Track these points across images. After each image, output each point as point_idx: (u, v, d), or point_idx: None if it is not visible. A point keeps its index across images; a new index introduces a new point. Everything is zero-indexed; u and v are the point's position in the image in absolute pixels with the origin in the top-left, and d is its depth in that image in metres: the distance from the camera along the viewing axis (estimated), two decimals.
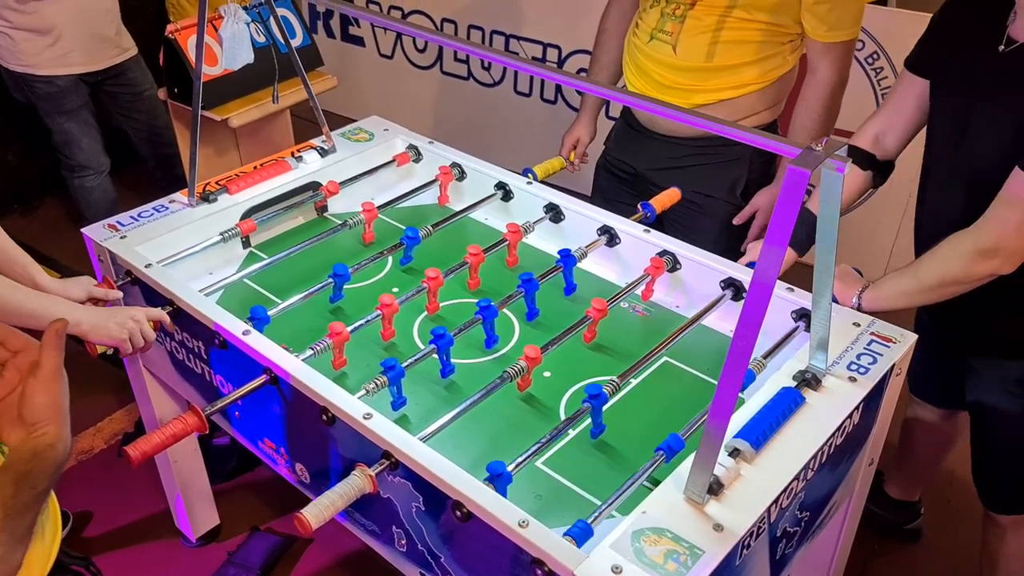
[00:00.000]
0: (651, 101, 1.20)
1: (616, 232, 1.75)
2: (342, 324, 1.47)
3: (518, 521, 1.10)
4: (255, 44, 2.15)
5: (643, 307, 1.70)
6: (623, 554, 1.06)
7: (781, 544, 1.28)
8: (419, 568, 1.34)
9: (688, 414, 1.40)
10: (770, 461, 1.19)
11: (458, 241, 1.88)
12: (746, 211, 1.98)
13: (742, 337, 1.02)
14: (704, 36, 1.81)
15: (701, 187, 1.97)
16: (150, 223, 1.74)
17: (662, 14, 1.87)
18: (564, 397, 1.48)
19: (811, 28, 1.80)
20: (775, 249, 0.97)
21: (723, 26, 1.80)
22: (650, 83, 1.92)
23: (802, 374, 1.33)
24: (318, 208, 1.98)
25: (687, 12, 1.83)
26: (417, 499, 1.25)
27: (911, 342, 1.42)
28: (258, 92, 2.41)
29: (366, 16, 1.40)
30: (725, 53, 1.82)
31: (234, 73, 2.33)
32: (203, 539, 2.18)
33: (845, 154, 0.99)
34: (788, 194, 0.95)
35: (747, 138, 1.06)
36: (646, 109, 1.20)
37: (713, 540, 1.08)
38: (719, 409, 1.06)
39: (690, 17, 1.82)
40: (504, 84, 3.74)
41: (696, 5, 1.82)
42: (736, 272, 1.60)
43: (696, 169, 1.97)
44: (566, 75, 1.24)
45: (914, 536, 2.24)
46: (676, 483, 1.16)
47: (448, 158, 2.02)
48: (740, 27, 1.79)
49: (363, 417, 1.26)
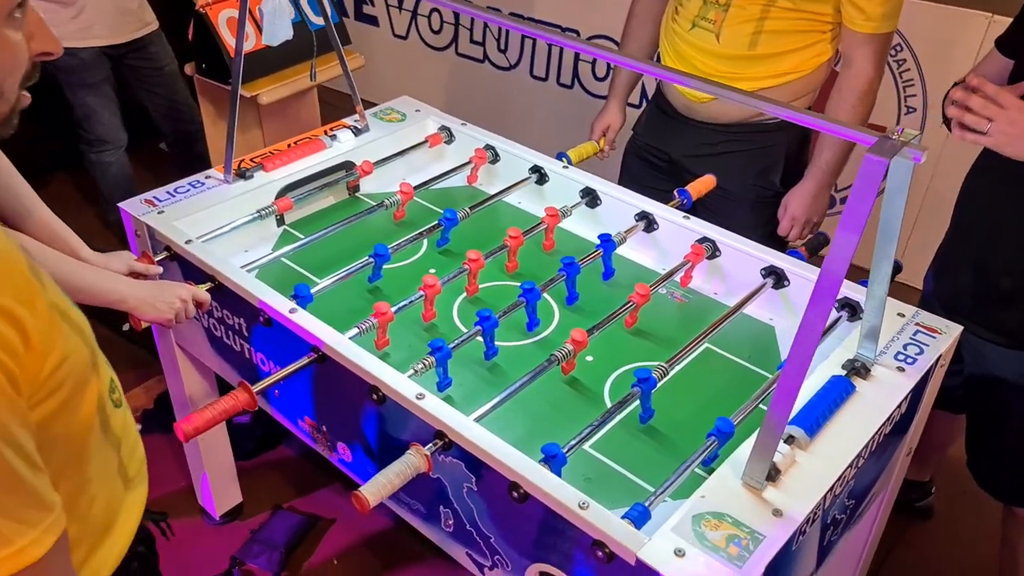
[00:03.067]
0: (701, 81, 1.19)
1: (654, 218, 1.75)
2: (387, 304, 1.46)
3: (578, 503, 1.11)
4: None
5: (681, 293, 1.71)
6: (685, 537, 1.07)
7: (829, 531, 1.29)
8: (466, 548, 1.34)
9: (731, 400, 1.41)
10: (824, 448, 1.20)
11: (492, 224, 1.88)
12: (780, 212, 1.99)
13: (810, 323, 1.02)
14: (748, 25, 1.81)
15: (737, 175, 1.97)
16: (187, 199, 1.73)
17: (705, 2, 1.86)
18: (608, 381, 1.49)
19: (850, 18, 1.79)
20: (849, 236, 0.97)
21: (767, 15, 1.79)
22: (690, 70, 1.92)
23: (851, 363, 1.33)
24: (350, 188, 1.97)
25: (731, 1, 1.82)
26: (469, 479, 1.25)
27: (956, 333, 1.43)
28: (287, 69, 2.39)
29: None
30: (768, 42, 1.81)
31: (264, 49, 2.31)
32: (226, 517, 2.18)
33: (921, 144, 0.99)
34: (865, 182, 0.95)
35: (818, 124, 1.06)
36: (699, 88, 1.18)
37: (773, 525, 1.09)
38: (782, 396, 1.07)
39: (734, 6, 1.82)
40: (520, 68, 3.72)
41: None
42: (777, 260, 1.61)
43: (731, 156, 1.97)
44: (629, 59, 1.23)
45: (926, 513, 2.27)
46: (733, 468, 1.16)
47: (481, 140, 2.01)
48: (783, 16, 1.79)
49: (416, 397, 1.26)
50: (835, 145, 1.88)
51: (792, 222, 1.97)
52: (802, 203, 1.94)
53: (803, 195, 1.94)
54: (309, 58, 2.25)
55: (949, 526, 2.27)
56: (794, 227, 1.97)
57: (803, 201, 1.94)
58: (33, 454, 0.77)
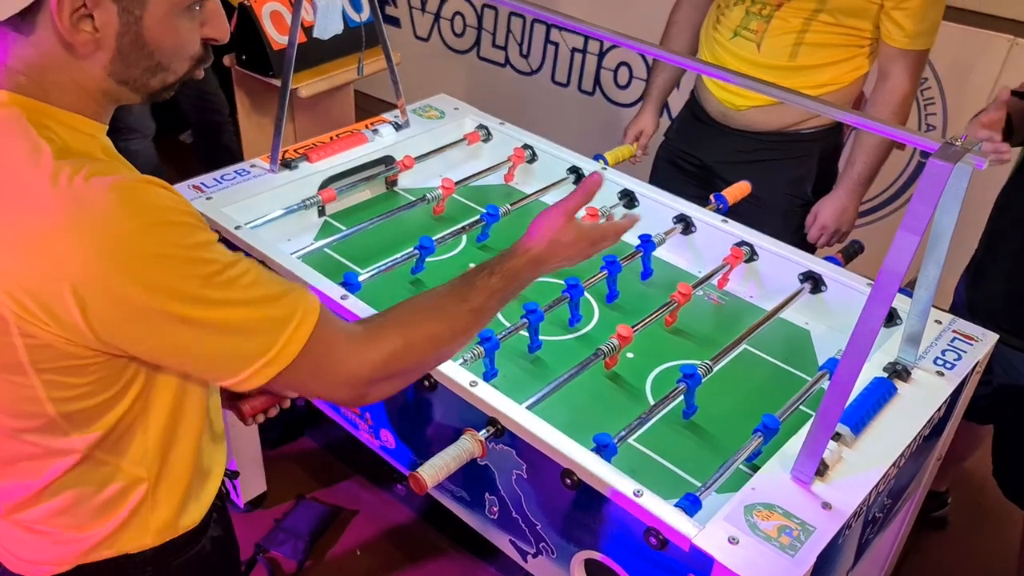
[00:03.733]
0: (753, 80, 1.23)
1: (692, 220, 1.78)
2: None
3: (633, 491, 1.13)
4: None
5: (718, 295, 1.74)
6: (738, 526, 1.09)
7: (868, 529, 1.32)
8: (510, 535, 1.36)
9: (768, 399, 1.45)
10: (869, 446, 1.23)
11: (528, 223, 1.90)
12: (809, 220, 2.02)
13: (867, 323, 1.05)
14: (788, 37, 1.85)
15: (769, 183, 2.00)
16: (233, 186, 1.76)
17: (747, 12, 1.90)
18: (649, 377, 1.52)
19: (888, 34, 1.83)
20: (910, 237, 1.01)
21: (808, 28, 1.83)
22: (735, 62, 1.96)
23: (892, 365, 1.37)
24: (388, 182, 2.00)
25: (773, 13, 1.86)
26: (520, 467, 1.27)
27: (992, 341, 1.46)
28: (326, 64, 2.42)
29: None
30: (808, 54, 1.85)
31: (305, 43, 2.34)
32: (250, 504, 2.19)
33: (982, 152, 1.02)
34: (928, 186, 0.98)
35: (881, 129, 1.09)
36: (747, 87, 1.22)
37: (823, 517, 1.11)
38: (836, 393, 1.09)
39: (776, 18, 1.86)
40: (542, 73, 3.75)
41: (783, 7, 1.86)
42: (815, 265, 1.64)
43: (765, 164, 2.00)
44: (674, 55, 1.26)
45: (941, 524, 2.30)
46: (781, 463, 1.19)
47: (519, 139, 2.05)
48: (825, 30, 1.82)
49: (469, 384, 1.29)
50: (868, 157, 1.92)
51: (821, 231, 2.00)
52: (833, 212, 1.98)
53: (834, 204, 1.97)
54: (348, 54, 2.28)
55: (963, 538, 2.30)
56: (823, 235, 2.01)
57: (834, 210, 1.97)
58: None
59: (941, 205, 1.16)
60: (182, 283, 0.81)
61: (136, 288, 0.79)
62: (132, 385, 0.92)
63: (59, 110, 0.86)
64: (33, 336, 0.82)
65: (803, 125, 1.97)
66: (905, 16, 1.79)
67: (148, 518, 1.01)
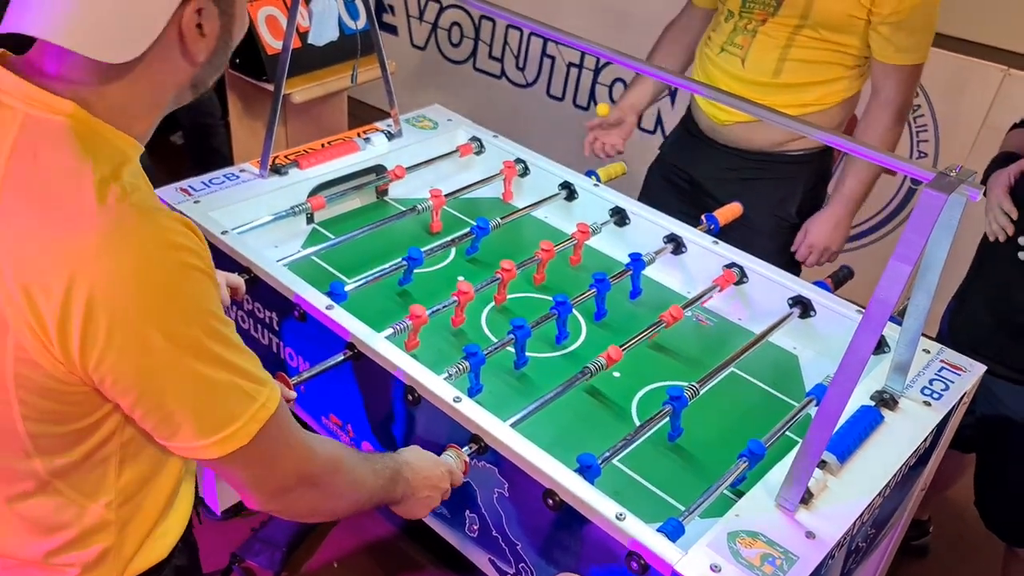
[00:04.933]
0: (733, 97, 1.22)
1: (683, 241, 1.77)
2: (423, 307, 1.47)
3: (615, 514, 1.12)
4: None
5: (706, 316, 1.73)
6: (720, 553, 1.08)
7: (851, 558, 1.31)
8: (489, 554, 1.35)
9: (754, 423, 1.43)
10: (855, 475, 1.22)
11: (518, 237, 1.90)
12: (799, 237, 2.01)
13: (856, 352, 1.04)
14: (773, 52, 1.85)
15: (756, 202, 1.99)
16: (222, 190, 1.74)
17: (735, 27, 1.90)
18: (635, 398, 1.50)
19: (878, 49, 1.82)
20: (902, 266, 1.00)
21: (792, 43, 1.84)
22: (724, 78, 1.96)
23: (880, 394, 1.36)
24: (379, 191, 1.98)
25: (758, 27, 1.87)
26: (502, 485, 1.26)
27: (979, 372, 1.46)
28: (320, 71, 2.41)
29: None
30: (792, 71, 1.85)
31: (300, 49, 2.33)
32: (227, 513, 2.16)
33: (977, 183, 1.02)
34: (921, 216, 0.98)
35: (874, 156, 1.08)
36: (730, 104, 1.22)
37: (807, 547, 1.10)
38: (823, 421, 1.08)
39: (761, 32, 1.86)
40: (537, 86, 3.76)
41: (768, 21, 1.86)
42: (804, 290, 1.63)
43: (752, 183, 2.00)
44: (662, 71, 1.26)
45: (922, 552, 2.29)
46: (766, 490, 1.18)
47: (512, 153, 2.04)
48: (809, 46, 1.83)
49: (453, 400, 1.27)
50: (860, 174, 1.90)
51: (810, 249, 1.99)
52: (823, 230, 1.96)
53: (824, 222, 1.96)
54: (343, 61, 2.27)
55: (944, 566, 2.30)
56: (812, 254, 2.00)
57: (824, 228, 1.96)
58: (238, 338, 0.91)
59: (933, 235, 1.15)
60: (189, 328, 0.83)
61: (145, 316, 0.80)
62: (107, 421, 0.90)
63: (113, 128, 0.87)
64: (24, 350, 0.82)
65: (789, 146, 1.97)
66: (892, 30, 1.78)
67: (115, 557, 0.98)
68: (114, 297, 0.79)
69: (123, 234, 0.80)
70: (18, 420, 0.86)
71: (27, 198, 0.82)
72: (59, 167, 0.82)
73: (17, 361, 0.83)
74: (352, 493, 1.07)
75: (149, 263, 0.80)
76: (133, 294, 0.79)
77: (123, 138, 0.88)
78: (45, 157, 0.83)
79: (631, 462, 1.36)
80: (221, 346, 0.86)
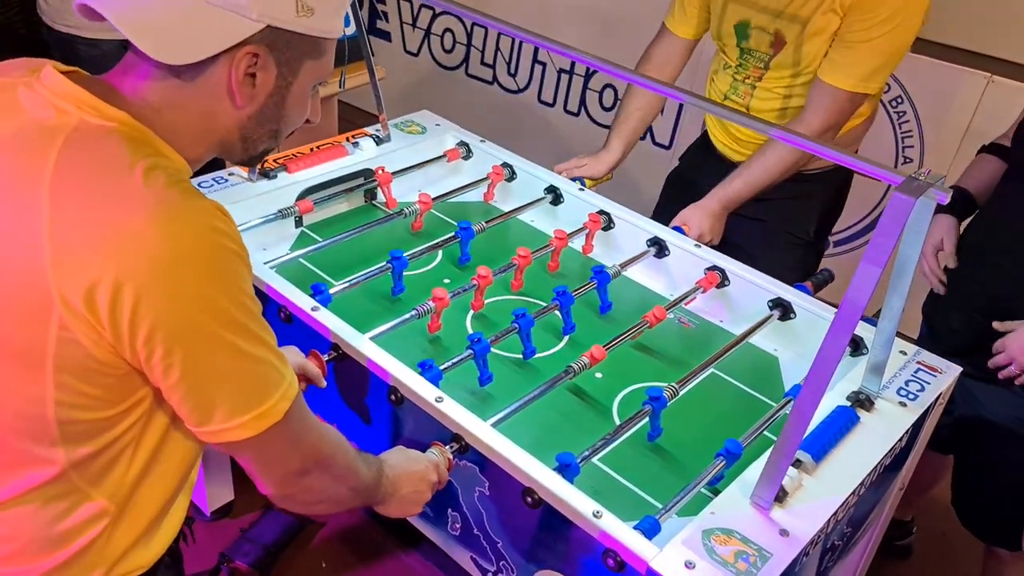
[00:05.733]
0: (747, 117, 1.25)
1: (666, 244, 1.79)
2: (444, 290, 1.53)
3: (592, 512, 1.14)
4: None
5: (688, 318, 1.75)
6: (695, 550, 1.10)
7: (827, 556, 1.33)
8: (471, 552, 1.36)
9: (733, 424, 1.45)
10: (829, 474, 1.24)
11: (503, 240, 1.92)
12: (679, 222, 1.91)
13: (828, 353, 1.06)
14: (775, 102, 1.90)
15: (772, 219, 2.00)
16: (210, 194, 1.75)
17: (734, 79, 1.94)
18: (617, 398, 1.52)
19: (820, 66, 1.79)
20: (872, 268, 1.02)
21: (792, 93, 1.88)
22: (726, 133, 2.02)
23: (856, 395, 1.38)
24: (367, 195, 2.00)
25: (756, 83, 1.91)
26: (482, 484, 1.27)
27: (955, 374, 1.48)
28: None
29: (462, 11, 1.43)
30: (795, 115, 1.87)
31: None
32: (216, 514, 2.18)
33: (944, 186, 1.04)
34: (891, 219, 1.00)
35: (850, 162, 1.11)
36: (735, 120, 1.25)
37: (780, 544, 1.12)
38: (797, 421, 1.10)
39: (760, 87, 1.91)
40: (528, 92, 3.78)
41: (763, 78, 1.90)
42: (784, 293, 1.66)
43: (769, 201, 1.96)
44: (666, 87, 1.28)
45: (905, 553, 2.31)
46: (741, 488, 1.20)
47: (499, 158, 2.06)
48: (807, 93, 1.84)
49: (435, 400, 1.29)
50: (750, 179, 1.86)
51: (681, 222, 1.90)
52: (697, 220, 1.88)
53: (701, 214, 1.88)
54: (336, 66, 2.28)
55: (927, 567, 2.32)
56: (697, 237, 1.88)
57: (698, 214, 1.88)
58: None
59: (904, 238, 1.18)
60: (231, 305, 0.87)
61: (192, 294, 0.84)
62: (135, 410, 0.93)
63: (166, 144, 0.92)
64: (68, 329, 0.84)
65: (806, 166, 1.93)
66: (832, 47, 1.76)
67: (100, 555, 0.99)
68: (165, 276, 0.83)
69: (170, 216, 0.83)
70: (50, 405, 0.88)
71: (76, 183, 0.85)
72: (109, 156, 0.86)
73: (59, 342, 0.85)
74: (352, 479, 1.11)
75: (195, 243, 0.84)
76: (183, 275, 0.83)
77: (172, 152, 0.93)
78: (96, 150, 0.87)
79: (611, 461, 1.38)
80: (257, 325, 0.91)
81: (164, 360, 0.86)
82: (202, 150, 0.98)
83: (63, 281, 0.83)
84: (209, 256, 0.85)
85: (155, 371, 0.87)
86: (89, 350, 0.86)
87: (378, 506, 1.20)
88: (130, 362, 0.87)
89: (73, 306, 0.83)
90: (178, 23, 0.88)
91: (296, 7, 0.91)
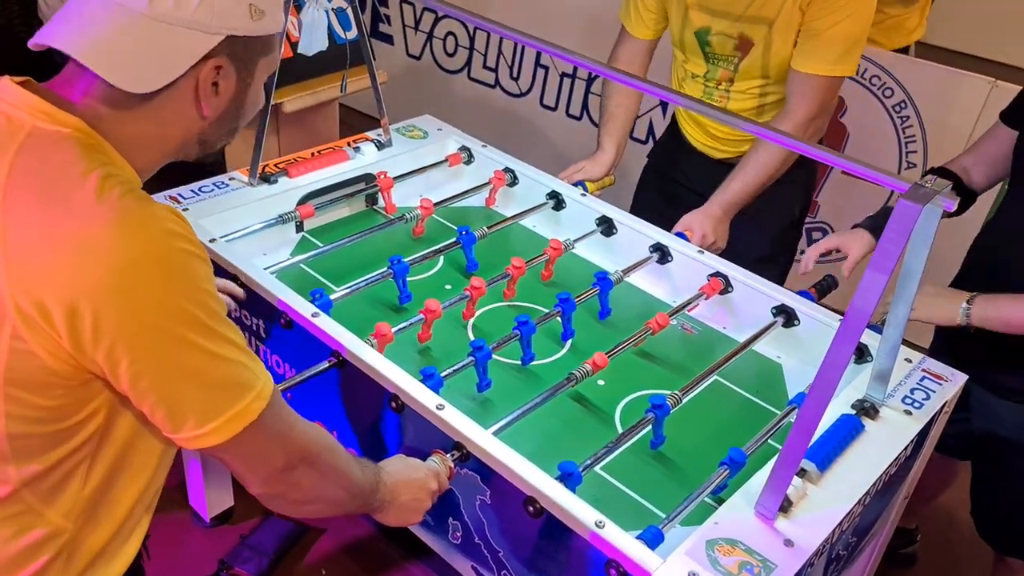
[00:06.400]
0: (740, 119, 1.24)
1: (669, 250, 1.78)
2: (388, 325, 1.47)
3: (595, 522, 1.12)
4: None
5: (691, 325, 1.74)
6: (699, 561, 1.08)
7: (832, 566, 1.31)
8: (472, 561, 1.35)
9: (737, 432, 1.44)
10: (835, 483, 1.23)
11: (504, 246, 1.91)
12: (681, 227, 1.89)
13: (833, 361, 1.05)
14: (751, 101, 1.92)
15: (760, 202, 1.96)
16: (211, 198, 1.75)
17: (705, 87, 1.95)
18: (619, 405, 1.51)
19: (793, 58, 1.80)
20: (878, 276, 1.01)
21: (767, 91, 1.90)
22: (704, 132, 2.03)
23: (860, 403, 1.37)
24: (368, 200, 1.99)
25: (729, 87, 1.93)
26: (484, 492, 1.26)
27: (961, 382, 1.47)
28: (311, 80, 2.43)
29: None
30: (773, 111, 1.91)
31: (291, 59, 2.34)
32: (216, 520, 2.17)
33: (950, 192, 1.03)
34: (897, 226, 0.99)
35: (856, 169, 1.09)
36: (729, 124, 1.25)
37: (785, 554, 1.11)
38: (801, 429, 1.09)
39: (734, 91, 1.92)
40: (531, 96, 3.78)
41: (735, 80, 1.92)
42: (788, 299, 1.64)
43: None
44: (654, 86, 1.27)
45: (910, 561, 2.29)
46: (745, 498, 1.19)
47: (501, 163, 2.05)
48: (782, 92, 1.86)
49: (436, 407, 1.28)
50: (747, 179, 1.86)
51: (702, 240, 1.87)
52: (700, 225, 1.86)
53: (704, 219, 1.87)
54: (334, 70, 2.29)
55: (932, 575, 2.30)
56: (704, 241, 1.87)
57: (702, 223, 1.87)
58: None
59: (910, 246, 1.17)
60: (195, 308, 0.87)
61: (154, 301, 0.84)
62: (89, 422, 0.91)
63: (118, 154, 0.92)
64: (23, 339, 0.83)
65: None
66: (802, 39, 1.77)
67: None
68: (123, 284, 0.82)
69: (123, 224, 0.83)
70: (0, 419, 0.87)
71: (31, 191, 0.85)
72: (63, 164, 0.86)
73: (12, 352, 0.84)
74: (344, 479, 1.10)
75: (149, 248, 0.84)
76: (141, 280, 0.83)
77: (123, 162, 0.92)
78: (50, 157, 0.87)
79: (613, 470, 1.37)
80: (223, 326, 0.91)
81: (131, 369, 0.85)
82: (156, 156, 0.98)
83: (17, 290, 0.82)
84: (165, 259, 0.85)
85: (122, 380, 0.87)
86: (44, 361, 0.85)
87: (377, 513, 1.19)
88: (91, 371, 0.87)
89: (28, 315, 0.82)
90: (143, 50, 0.88)
91: (251, 12, 0.92)
